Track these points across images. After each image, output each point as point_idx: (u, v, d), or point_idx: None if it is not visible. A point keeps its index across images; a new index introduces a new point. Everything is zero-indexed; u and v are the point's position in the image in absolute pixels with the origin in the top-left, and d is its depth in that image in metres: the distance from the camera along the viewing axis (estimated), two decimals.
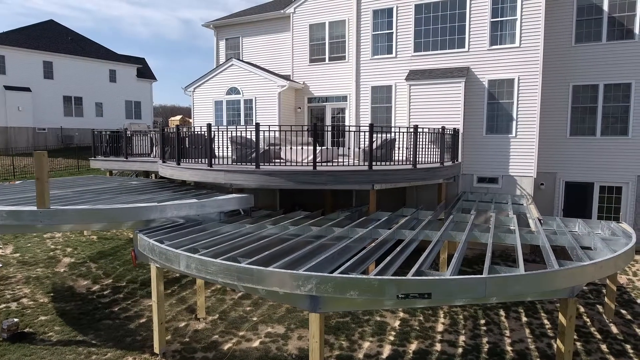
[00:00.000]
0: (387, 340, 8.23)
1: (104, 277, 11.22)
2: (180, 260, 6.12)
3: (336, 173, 9.23)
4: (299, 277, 5.21)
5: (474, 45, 13.50)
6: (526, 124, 13.07)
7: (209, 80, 18.36)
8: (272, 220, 8.93)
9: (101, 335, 8.31)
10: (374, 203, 9.82)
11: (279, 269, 5.35)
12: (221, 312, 9.35)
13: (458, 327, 8.86)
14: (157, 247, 6.58)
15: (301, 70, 17.69)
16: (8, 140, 35.41)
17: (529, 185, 13.22)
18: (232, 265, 5.59)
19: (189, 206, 8.24)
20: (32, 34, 37.81)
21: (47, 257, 12.52)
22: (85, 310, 9.36)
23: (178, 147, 10.33)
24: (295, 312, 9.31)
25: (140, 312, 9.34)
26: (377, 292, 5.09)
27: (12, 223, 7.47)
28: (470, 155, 13.77)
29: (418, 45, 14.22)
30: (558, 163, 14.51)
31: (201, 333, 8.44)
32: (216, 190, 11.13)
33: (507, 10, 13.06)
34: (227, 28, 20.00)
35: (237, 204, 9.13)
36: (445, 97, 13.44)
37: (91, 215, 7.61)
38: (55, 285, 10.61)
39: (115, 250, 13.23)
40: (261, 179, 9.21)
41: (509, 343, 8.24)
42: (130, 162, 14.28)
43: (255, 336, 8.34)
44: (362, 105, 15.27)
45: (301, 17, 17.46)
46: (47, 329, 8.52)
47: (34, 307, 9.46)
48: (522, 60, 12.97)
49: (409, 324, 8.92)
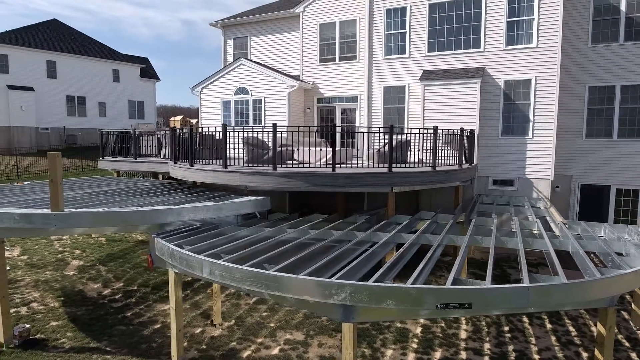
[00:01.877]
0: (411, 348, 7.99)
1: (115, 280, 10.97)
2: (203, 266, 5.88)
3: (355, 175, 8.99)
4: (332, 285, 4.97)
5: (489, 45, 13.27)
6: (543, 125, 12.83)
7: (217, 80, 18.13)
8: (290, 224, 8.69)
9: (115, 342, 8.06)
10: (393, 206, 9.58)
11: (310, 277, 5.11)
12: (237, 317, 9.10)
13: (482, 334, 8.62)
14: (178, 252, 6.33)
15: (310, 70, 17.46)
16: (11, 140, 35.14)
17: (546, 188, 12.98)
18: (260, 272, 5.35)
19: (206, 209, 8.01)
20: (35, 33, 37.57)
21: (56, 260, 12.27)
22: (97, 315, 9.12)
23: (191, 148, 10.09)
24: (313, 318, 9.07)
25: (154, 317, 9.09)
26: (415, 302, 4.85)
27: (25, 226, 7.24)
28: (485, 157, 13.53)
29: (432, 45, 13.99)
30: (573, 165, 14.27)
31: (218, 340, 8.19)
32: (229, 192, 10.89)
33: (523, 9, 12.82)
34: (234, 27, 19.78)
35: (254, 207, 8.89)
36: (461, 98, 13.21)
37: (106, 218, 7.37)
38: (65, 289, 10.36)
39: (124, 253, 12.98)
40: (278, 181, 8.98)
41: (535, 351, 8.00)
42: (139, 163, 14.04)
43: (274, 343, 8.10)
44: (374, 106, 15.03)
45: (311, 16, 17.23)
46: (59, 335, 8.28)
47: (45, 312, 9.21)
48: (540, 61, 12.73)
49: (431, 330, 8.68)
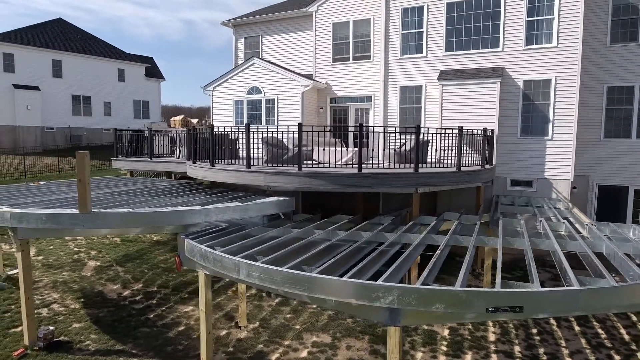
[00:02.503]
0: (440, 351, 7.88)
1: (134, 281, 10.86)
2: (240, 268, 5.77)
3: (381, 176, 8.89)
4: (379, 288, 4.87)
5: (508, 45, 13.16)
6: (563, 125, 12.73)
7: (229, 80, 18.02)
8: (316, 225, 8.57)
9: (140, 345, 7.96)
10: (417, 207, 9.47)
11: (355, 280, 5.01)
12: (261, 319, 9.00)
13: (510, 336, 8.52)
14: (211, 253, 6.23)
15: (323, 69, 17.35)
16: (16, 140, 35.04)
17: (566, 188, 12.87)
18: (302, 274, 5.24)
19: (233, 210, 7.90)
20: (41, 32, 37.47)
21: (72, 260, 12.16)
22: (119, 317, 9.01)
23: (212, 148, 9.98)
24: (338, 320, 8.97)
25: (177, 319, 8.99)
26: (465, 306, 4.74)
27: (52, 227, 7.14)
28: (503, 157, 13.42)
29: (449, 44, 13.88)
30: (591, 166, 14.15)
31: (245, 342, 8.09)
32: (250, 192, 10.77)
33: (543, 9, 12.72)
34: (246, 27, 19.67)
35: (279, 207, 8.79)
36: (480, 98, 13.10)
37: (133, 218, 7.26)
38: (84, 290, 10.26)
39: (140, 254, 12.88)
40: (303, 181, 8.87)
41: (567, 354, 7.90)
42: (155, 163, 13.93)
43: (302, 346, 7.99)
44: (390, 106, 14.92)
45: (324, 15, 17.13)
46: (82, 337, 8.17)
47: (66, 313, 9.10)
48: (560, 61, 12.62)
49: (458, 333, 8.57)
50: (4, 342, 7.90)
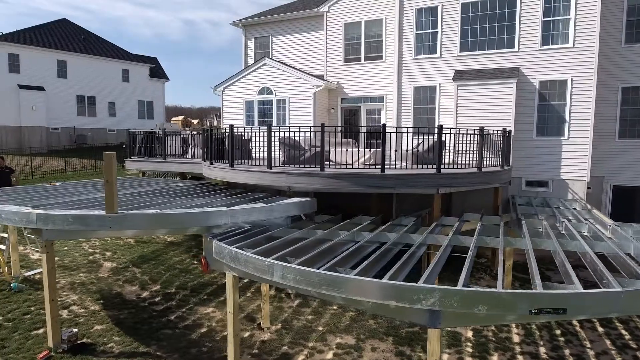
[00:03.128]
0: (466, 352, 7.84)
1: (151, 283, 10.82)
2: (274, 270, 5.73)
3: (404, 176, 8.85)
4: (421, 290, 4.83)
5: (524, 45, 13.13)
6: (579, 126, 12.70)
7: (240, 80, 17.99)
8: (340, 226, 8.53)
9: (164, 347, 7.92)
10: (439, 208, 9.44)
11: (396, 282, 4.97)
12: (283, 321, 8.96)
13: (534, 337, 8.48)
14: (243, 255, 6.19)
15: (335, 70, 17.32)
16: (22, 140, 34.99)
17: (582, 189, 12.84)
18: (340, 276, 5.21)
19: (259, 211, 7.86)
20: (45, 32, 37.43)
21: (88, 262, 12.12)
22: (140, 318, 8.97)
23: (231, 149, 9.94)
24: (361, 322, 8.93)
25: (199, 320, 8.95)
26: (509, 307, 4.70)
27: (78, 228, 7.09)
28: (518, 158, 13.38)
29: (464, 44, 13.85)
30: (605, 166, 14.12)
31: (269, 344, 8.05)
32: (268, 193, 10.73)
33: (559, 9, 12.69)
34: (256, 27, 19.64)
35: (302, 208, 8.75)
36: (495, 99, 13.07)
37: (160, 220, 7.23)
38: (103, 292, 10.21)
39: (155, 255, 12.83)
40: (326, 182, 8.83)
41: (593, 355, 7.86)
42: (169, 164, 13.88)
43: (327, 347, 7.95)
44: (404, 106, 14.89)
45: (336, 15, 17.10)
46: (105, 339, 8.13)
47: (87, 315, 9.06)
48: (576, 61, 12.59)
49: (482, 334, 8.53)
50: (27, 344, 7.86)
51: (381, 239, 7.74)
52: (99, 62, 39.41)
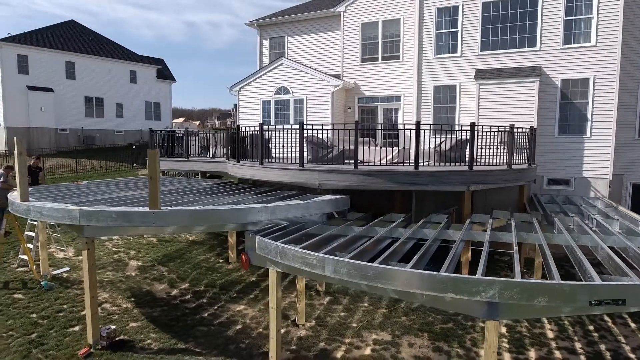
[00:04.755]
0: (503, 348, 7.87)
1: (180, 281, 10.86)
2: (325, 264, 5.77)
3: (437, 174, 8.90)
4: (480, 282, 4.87)
5: (546, 44, 13.19)
6: (602, 124, 12.75)
7: (256, 80, 18.05)
8: (374, 223, 8.58)
9: (202, 343, 7.95)
10: (469, 205, 9.49)
11: (455, 275, 5.01)
12: (316, 318, 8.98)
13: (568, 333, 8.51)
14: (291, 250, 6.23)
15: (351, 69, 17.38)
16: (30, 141, 35.04)
17: (604, 187, 12.88)
18: (396, 270, 5.25)
19: (296, 208, 7.90)
20: (54, 34, 37.52)
21: (113, 260, 12.16)
22: (174, 316, 9.00)
23: (262, 148, 9.99)
24: (395, 318, 8.96)
25: (232, 317, 8.98)
26: (568, 299, 4.74)
27: (122, 225, 7.13)
28: (541, 156, 13.43)
29: (485, 44, 13.91)
30: (625, 165, 14.16)
31: (306, 340, 8.07)
32: (297, 191, 10.77)
33: (581, 8, 12.75)
34: (271, 27, 19.72)
35: (336, 206, 8.79)
36: (517, 97, 13.13)
37: (201, 216, 7.27)
38: (132, 290, 10.25)
39: (180, 253, 12.87)
40: (359, 179, 8.88)
41: (629, 350, 7.89)
42: (192, 163, 13.93)
43: (363, 343, 7.98)
44: (423, 105, 14.94)
45: (352, 15, 17.17)
46: (142, 336, 8.16)
47: (120, 312, 9.09)
48: (598, 60, 12.66)
49: (516, 330, 8.56)
50: (65, 341, 7.90)
51: (417, 235, 7.78)
52: (106, 63, 39.49)
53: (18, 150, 7.85)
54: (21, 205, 7.93)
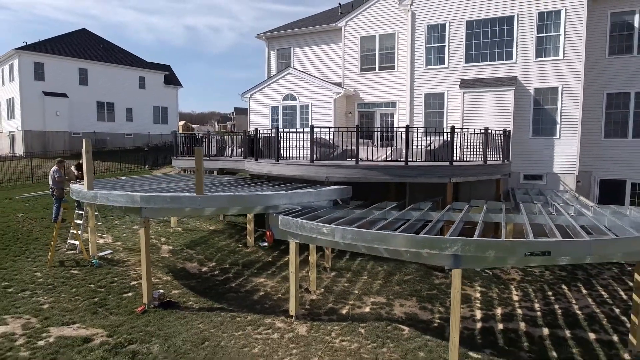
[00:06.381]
0: (476, 307, 9.80)
1: (207, 260, 12.77)
2: (335, 232, 7.69)
3: (424, 168, 10.85)
4: (447, 240, 6.80)
5: (521, 57, 15.19)
6: (569, 127, 14.73)
7: (266, 87, 20.01)
8: (371, 208, 10.51)
9: (233, 304, 9.85)
10: (451, 194, 11.42)
11: (430, 235, 6.95)
12: (324, 287, 10.91)
13: (530, 297, 10.45)
14: (308, 223, 8.15)
15: (352, 78, 19.35)
16: (46, 144, 36.97)
17: (572, 181, 14.85)
18: (389, 233, 7.18)
19: (309, 194, 9.84)
20: (67, 42, 39.49)
21: None
22: (207, 286, 10.91)
23: (277, 147, 11.92)
24: (389, 287, 10.88)
25: (256, 287, 10.89)
26: (510, 251, 6.67)
27: (173, 207, 9.05)
28: (517, 155, 15.40)
29: (469, 56, 15.91)
30: (593, 162, 16.13)
31: (317, 302, 10.00)
32: (305, 184, 12.70)
33: (551, 26, 14.75)
34: (278, 39, 21.70)
35: (341, 194, 10.72)
36: (496, 104, 15.11)
37: (237, 200, 9.19)
38: (169, 267, 12.15)
39: (204, 240, 14.78)
40: (360, 173, 10.81)
41: (577, 308, 9.83)
42: (214, 161, 15.88)
43: (364, 304, 9.90)
44: (415, 111, 16.92)
45: (352, 30, 19.15)
46: (184, 299, 10.06)
47: (162, 284, 10.99)
48: (566, 71, 14.65)
49: (488, 295, 10.50)
50: (123, 302, 9.78)
51: (407, 217, 9.72)
52: (117, 69, 41.44)
53: (86, 149, 9.78)
54: (88, 192, 9.84)
